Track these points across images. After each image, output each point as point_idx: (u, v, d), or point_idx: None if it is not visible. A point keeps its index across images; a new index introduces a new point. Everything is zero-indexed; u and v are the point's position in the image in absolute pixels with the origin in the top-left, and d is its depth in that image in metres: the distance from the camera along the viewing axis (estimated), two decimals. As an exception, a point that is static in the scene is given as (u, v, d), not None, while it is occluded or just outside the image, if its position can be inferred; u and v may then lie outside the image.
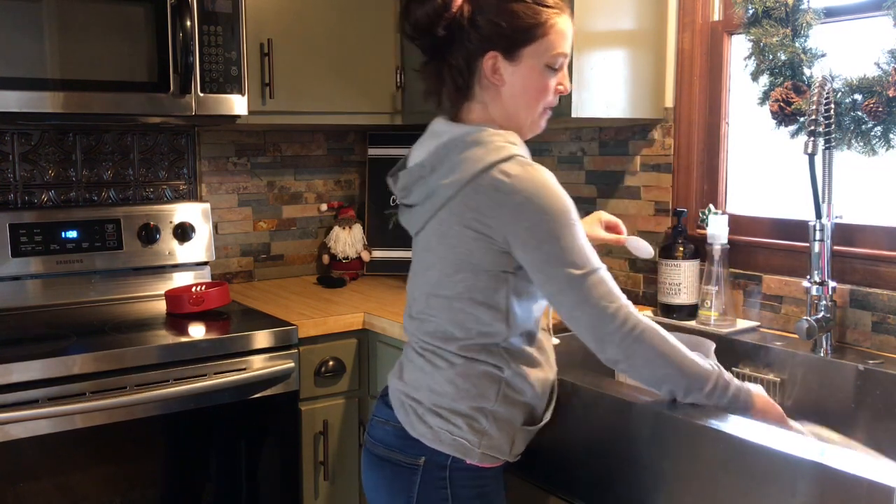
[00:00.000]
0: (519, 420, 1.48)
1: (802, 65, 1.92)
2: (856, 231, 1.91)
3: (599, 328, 1.38)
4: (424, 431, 1.46)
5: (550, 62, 1.45)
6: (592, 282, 1.37)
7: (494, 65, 1.44)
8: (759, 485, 1.26)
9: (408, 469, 1.47)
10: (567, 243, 1.37)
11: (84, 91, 2.09)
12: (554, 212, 1.37)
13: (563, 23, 1.46)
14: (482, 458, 1.46)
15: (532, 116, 1.49)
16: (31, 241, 2.34)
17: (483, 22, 1.42)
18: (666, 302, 2.15)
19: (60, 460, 1.88)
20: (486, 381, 1.45)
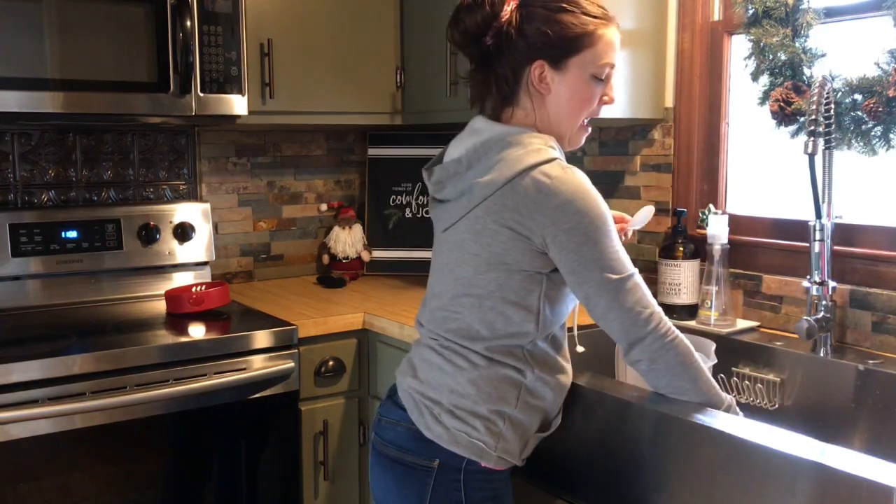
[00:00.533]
0: (535, 425, 1.49)
1: (802, 65, 1.92)
2: (856, 231, 1.91)
3: (632, 332, 1.41)
4: (441, 433, 1.45)
5: (597, 72, 1.47)
6: (628, 287, 1.39)
7: (541, 73, 1.46)
8: (759, 485, 1.26)
9: (421, 471, 1.46)
10: (604, 247, 1.39)
11: (84, 91, 2.09)
12: (593, 216, 1.39)
13: (610, 33, 1.48)
14: (497, 462, 1.46)
15: (574, 126, 1.51)
16: (31, 241, 2.34)
17: (531, 31, 1.44)
18: (666, 302, 2.15)
19: (60, 460, 1.88)
20: (508, 385, 1.46)
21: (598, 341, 2.04)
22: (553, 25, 1.44)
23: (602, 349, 2.01)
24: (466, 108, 2.39)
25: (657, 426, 1.43)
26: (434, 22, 2.51)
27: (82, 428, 1.87)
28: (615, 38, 1.49)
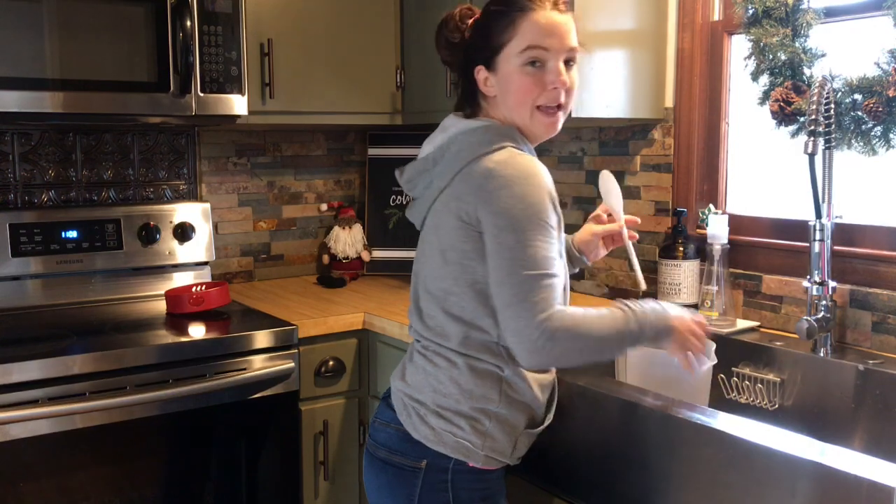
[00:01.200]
0: (522, 422, 1.48)
1: (802, 65, 1.92)
2: (856, 231, 1.91)
3: (520, 332, 1.37)
4: (427, 433, 1.46)
5: (523, 60, 1.44)
6: (534, 286, 1.35)
7: (484, 78, 1.48)
8: (759, 485, 1.26)
9: (410, 472, 1.47)
10: (525, 238, 1.36)
11: (84, 91, 2.09)
12: (525, 205, 1.37)
13: (537, 18, 1.43)
14: (485, 461, 1.46)
15: (524, 119, 1.48)
16: (31, 241, 2.34)
17: (467, 39, 1.50)
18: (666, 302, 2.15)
19: (60, 460, 1.88)
20: (489, 381, 1.45)
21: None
22: (477, 30, 1.48)
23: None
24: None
25: (657, 426, 1.43)
26: (434, 22, 2.50)
27: (82, 428, 1.87)
28: (545, 21, 1.44)
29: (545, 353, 1.36)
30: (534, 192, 1.38)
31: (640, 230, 2.40)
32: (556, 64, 1.45)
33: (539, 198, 1.38)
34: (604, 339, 1.39)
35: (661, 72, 2.29)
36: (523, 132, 1.50)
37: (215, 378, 2.00)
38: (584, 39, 2.08)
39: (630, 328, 1.40)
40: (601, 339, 1.39)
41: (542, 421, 1.53)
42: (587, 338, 1.38)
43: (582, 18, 2.07)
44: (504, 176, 1.38)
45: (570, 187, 2.62)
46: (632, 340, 1.42)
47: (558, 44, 1.44)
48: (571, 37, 1.47)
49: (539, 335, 1.34)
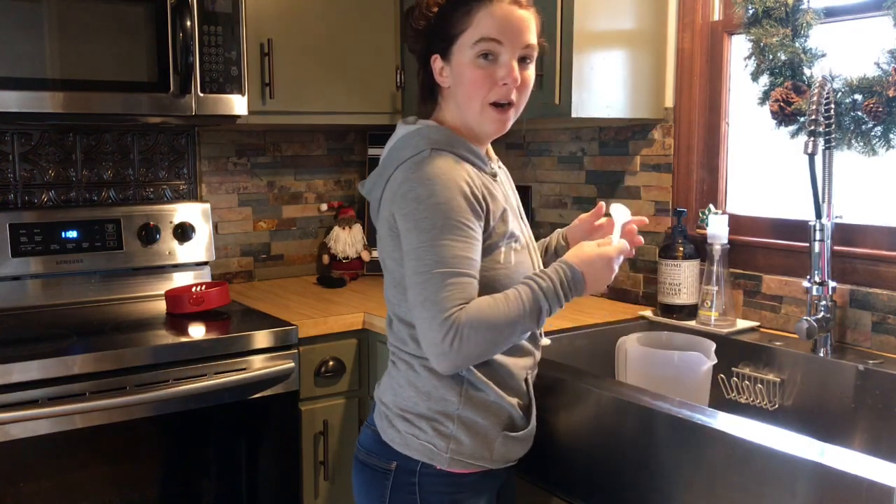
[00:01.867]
0: (495, 425, 1.45)
1: (802, 65, 1.92)
2: (856, 231, 1.91)
3: (426, 336, 1.35)
4: (394, 436, 1.46)
5: (476, 52, 1.41)
6: (436, 285, 1.33)
7: (440, 68, 1.46)
8: (759, 485, 1.26)
9: (382, 473, 1.47)
10: (430, 238, 1.34)
11: (84, 91, 2.09)
12: (430, 204, 1.35)
13: (493, 9, 1.40)
14: (451, 464, 1.43)
15: (474, 114, 1.45)
16: (31, 241, 2.34)
17: (424, 27, 1.47)
18: (666, 302, 2.15)
19: (60, 460, 1.88)
20: (448, 383, 1.43)
21: (598, 341, 2.04)
22: (434, 18, 1.45)
23: (601, 349, 2.01)
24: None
25: (657, 426, 1.43)
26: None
27: (82, 428, 1.87)
28: (502, 14, 1.40)
29: (455, 353, 1.32)
30: (441, 192, 1.35)
31: (640, 230, 2.40)
32: (508, 59, 1.41)
33: (446, 197, 1.35)
34: (513, 323, 1.35)
35: (661, 72, 2.29)
36: (472, 130, 1.48)
37: (215, 378, 2.00)
38: (584, 39, 2.11)
39: (539, 302, 1.36)
40: (511, 322, 1.35)
41: (524, 424, 1.50)
42: (496, 326, 1.34)
43: (582, 18, 2.09)
44: (412, 179, 1.38)
45: (570, 187, 2.62)
46: (547, 311, 1.37)
47: (513, 38, 1.41)
48: (529, 34, 1.43)
49: (444, 335, 1.31)
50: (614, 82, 2.19)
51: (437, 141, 1.43)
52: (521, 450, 1.52)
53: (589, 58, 2.12)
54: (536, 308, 1.36)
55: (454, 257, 1.34)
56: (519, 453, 1.51)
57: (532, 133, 2.75)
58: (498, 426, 1.45)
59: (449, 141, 1.44)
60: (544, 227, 2.72)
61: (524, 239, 1.51)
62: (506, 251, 1.44)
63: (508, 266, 1.44)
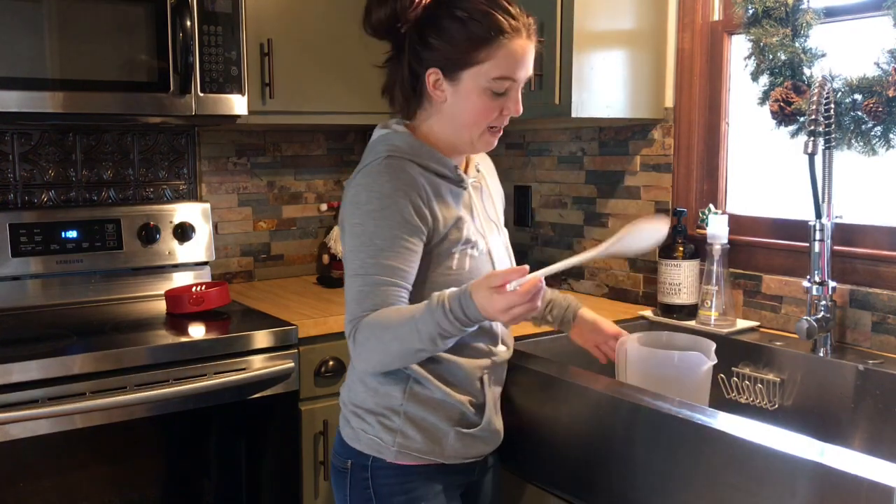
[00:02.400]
0: (444, 420, 1.46)
1: (802, 65, 1.92)
2: (856, 231, 1.91)
3: (346, 334, 1.41)
4: (349, 432, 1.50)
5: (492, 87, 1.41)
6: (359, 289, 1.38)
7: (436, 81, 1.43)
8: (759, 485, 1.25)
9: (342, 472, 1.51)
10: (359, 242, 1.38)
11: (84, 91, 2.09)
12: (367, 210, 1.38)
13: (514, 46, 1.40)
14: (399, 457, 1.46)
15: (472, 136, 1.46)
16: (31, 241, 2.34)
17: (430, 37, 1.42)
18: (666, 302, 2.15)
19: (60, 460, 1.87)
20: (393, 379, 1.46)
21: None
22: (450, 35, 1.40)
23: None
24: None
25: (657, 426, 1.43)
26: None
27: (82, 428, 1.87)
28: (521, 51, 1.41)
29: (356, 354, 1.40)
30: (378, 199, 1.37)
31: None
32: (516, 92, 1.44)
33: (382, 205, 1.37)
34: (401, 336, 1.34)
35: (661, 72, 2.29)
36: (461, 147, 1.48)
37: (215, 378, 2.00)
38: (584, 39, 2.11)
39: (428, 321, 1.32)
40: (398, 335, 1.34)
41: (477, 422, 1.49)
42: (383, 334, 1.36)
43: (582, 18, 2.09)
44: (360, 184, 1.40)
45: (570, 187, 2.62)
46: (438, 331, 1.32)
47: (524, 74, 1.43)
48: (532, 64, 1.45)
49: (348, 336, 1.40)
50: (614, 82, 2.19)
51: (397, 148, 1.43)
52: (483, 446, 1.52)
53: (589, 58, 2.12)
54: (426, 326, 1.32)
55: (377, 264, 1.37)
56: (481, 450, 1.53)
57: (532, 133, 2.75)
58: (447, 422, 1.47)
59: (412, 148, 1.44)
60: (544, 227, 2.72)
61: (486, 247, 1.50)
62: (459, 257, 1.45)
63: (462, 272, 1.44)
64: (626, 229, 1.43)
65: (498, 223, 1.59)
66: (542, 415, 1.68)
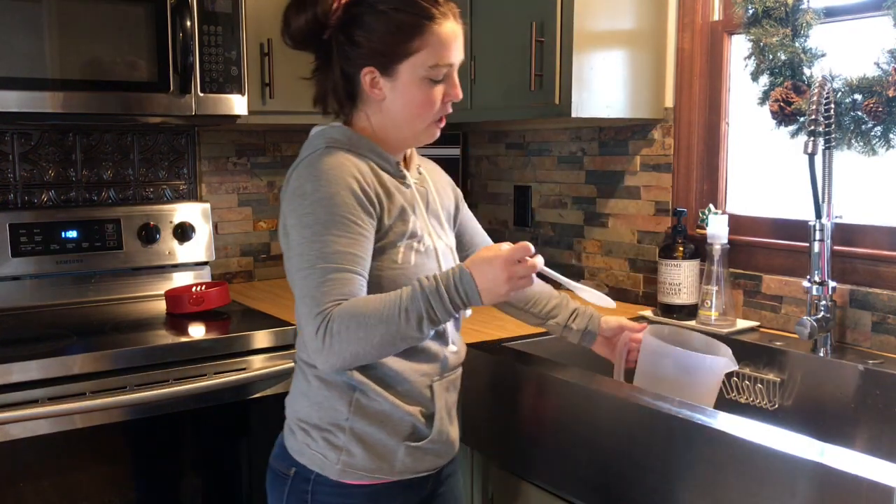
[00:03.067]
0: (393, 436, 1.40)
1: (802, 65, 1.92)
2: (856, 231, 1.91)
3: (304, 331, 1.31)
4: (293, 443, 1.45)
5: (430, 75, 1.38)
6: (315, 281, 1.29)
7: (373, 80, 1.40)
8: (759, 485, 1.26)
9: (281, 478, 1.46)
10: (313, 235, 1.31)
11: (84, 91, 2.09)
12: (316, 199, 1.32)
13: (444, 31, 1.37)
14: (343, 475, 1.40)
15: (418, 128, 1.43)
16: (31, 241, 2.34)
17: (359, 37, 1.38)
18: (666, 302, 2.15)
19: (60, 460, 1.87)
20: (337, 393, 1.40)
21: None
22: (378, 30, 1.37)
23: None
24: (466, 107, 2.40)
25: (657, 426, 1.43)
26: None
27: (82, 428, 1.87)
28: (451, 34, 1.38)
29: (328, 350, 1.27)
30: (326, 187, 1.32)
31: (640, 230, 2.41)
32: (454, 77, 1.41)
33: (330, 192, 1.32)
34: (386, 320, 1.26)
35: (661, 72, 2.29)
36: (403, 141, 1.45)
37: (215, 378, 2.00)
38: (584, 39, 2.11)
39: (417, 301, 1.26)
40: (383, 319, 1.26)
41: (428, 433, 1.43)
42: (366, 323, 1.26)
43: (582, 18, 2.09)
44: (302, 175, 1.36)
45: (570, 187, 2.62)
46: (427, 311, 1.27)
47: (459, 57, 1.41)
48: (462, 47, 1.42)
49: (317, 330, 1.27)
50: (614, 82, 2.19)
51: (335, 139, 1.41)
52: (436, 459, 1.47)
53: (589, 58, 2.12)
54: (415, 307, 1.27)
55: (336, 252, 1.30)
56: (434, 463, 1.47)
57: (532, 133, 2.75)
58: (397, 437, 1.41)
59: (350, 140, 1.42)
60: (544, 227, 2.72)
61: (432, 243, 1.45)
62: (404, 251, 1.40)
63: (406, 267, 1.39)
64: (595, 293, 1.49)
65: (443, 226, 1.53)
66: (541, 415, 1.68)
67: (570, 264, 2.63)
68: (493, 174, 2.93)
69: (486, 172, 2.96)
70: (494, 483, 1.86)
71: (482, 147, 2.97)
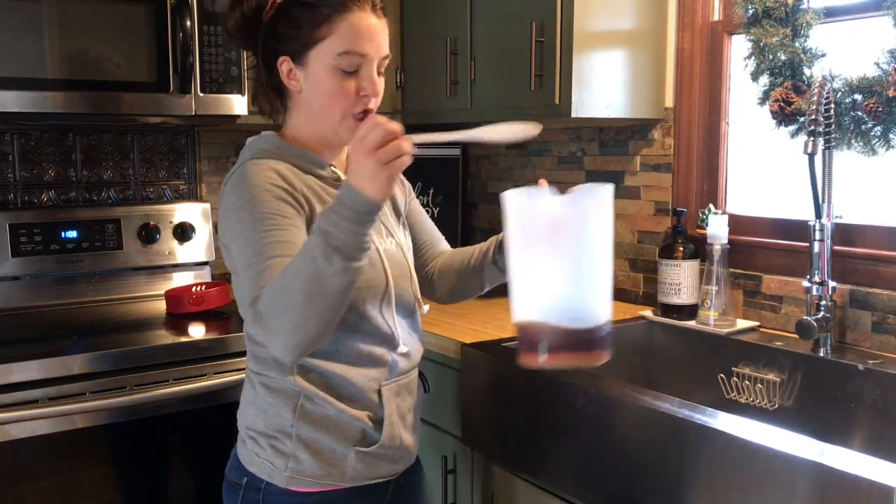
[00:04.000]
0: (341, 441, 1.39)
1: (802, 65, 1.92)
2: (856, 231, 1.91)
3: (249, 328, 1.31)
4: (244, 453, 1.45)
5: (339, 64, 1.35)
6: (248, 280, 1.27)
7: (289, 70, 1.39)
8: (759, 485, 1.26)
9: (234, 487, 1.46)
10: (246, 239, 1.29)
11: (84, 91, 2.09)
12: (240, 206, 1.32)
13: (354, 20, 1.35)
14: (291, 483, 1.39)
15: (332, 124, 1.39)
16: (31, 241, 2.34)
17: (276, 25, 1.38)
18: (666, 302, 2.15)
19: (60, 460, 1.88)
20: (282, 399, 1.39)
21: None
22: (296, 20, 1.36)
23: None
24: (466, 107, 2.40)
25: (657, 426, 1.43)
26: (434, 22, 2.51)
27: (82, 428, 1.87)
28: (363, 24, 1.35)
29: (268, 333, 1.22)
30: (247, 193, 1.32)
31: (640, 230, 2.40)
32: (370, 71, 1.38)
33: (251, 195, 1.31)
34: (298, 272, 1.18)
35: (661, 72, 2.29)
36: (327, 139, 1.43)
37: (215, 378, 2.00)
38: (584, 39, 2.11)
39: (316, 237, 1.18)
40: (298, 272, 1.19)
41: (378, 438, 1.41)
42: (284, 286, 1.20)
43: (582, 18, 2.09)
44: (226, 193, 1.36)
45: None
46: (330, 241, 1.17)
47: (375, 50, 1.37)
48: (385, 43, 1.40)
49: (253, 320, 1.24)
50: (614, 82, 2.19)
51: (262, 150, 1.40)
52: (391, 465, 1.45)
53: (589, 58, 2.12)
54: (318, 244, 1.17)
55: (266, 245, 1.28)
56: (390, 469, 1.45)
57: (532, 133, 2.75)
58: (345, 442, 1.39)
59: (278, 148, 1.41)
60: (544, 227, 2.72)
61: (373, 246, 1.34)
62: None
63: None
64: (506, 127, 1.29)
65: (391, 227, 1.49)
66: (541, 415, 1.68)
67: (570, 264, 2.62)
68: (493, 174, 2.93)
69: (486, 172, 2.96)
70: (494, 483, 1.86)
71: (482, 147, 2.97)
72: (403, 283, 1.46)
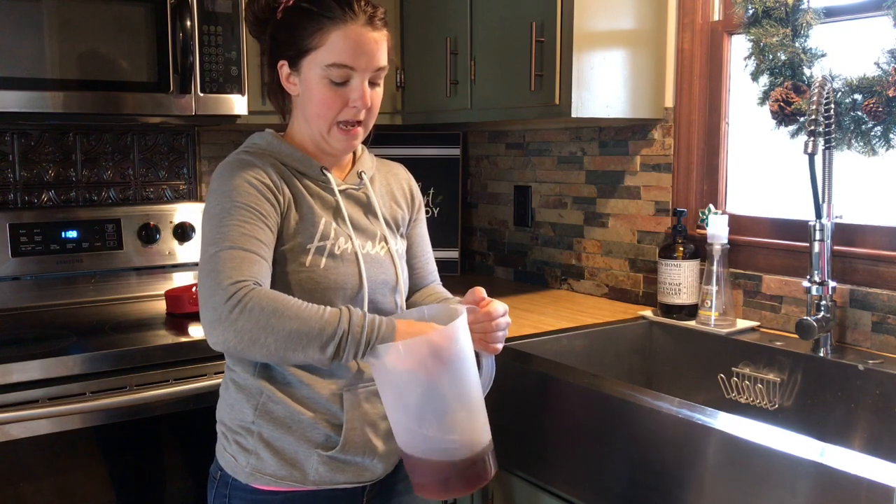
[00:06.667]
0: (302, 442, 1.38)
1: (802, 65, 1.92)
2: (856, 231, 1.91)
3: (206, 303, 1.24)
4: (218, 447, 1.48)
5: (328, 74, 1.37)
6: (221, 258, 1.26)
7: (288, 74, 1.43)
8: (759, 485, 1.26)
9: (211, 480, 1.49)
10: (219, 223, 1.31)
11: (84, 91, 2.09)
12: (220, 192, 1.35)
13: (346, 32, 1.36)
14: (251, 479, 1.39)
15: (322, 129, 1.41)
16: (31, 241, 2.34)
17: (277, 30, 1.41)
18: (666, 302, 2.15)
19: (60, 460, 1.88)
20: (245, 396, 1.40)
21: (597, 341, 2.05)
22: (286, 24, 1.40)
23: (601, 349, 2.01)
24: (466, 107, 2.40)
25: (657, 426, 1.43)
26: (434, 22, 2.51)
27: (82, 428, 1.87)
28: (355, 37, 1.36)
29: (232, 322, 1.21)
30: (228, 182, 1.35)
31: (640, 230, 2.41)
32: (360, 83, 1.38)
33: (233, 185, 1.34)
34: (304, 319, 1.22)
35: (661, 72, 2.29)
36: (318, 145, 1.45)
37: (215, 378, 2.00)
38: (584, 39, 2.11)
39: (340, 322, 1.22)
40: (299, 317, 1.22)
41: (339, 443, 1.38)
42: (283, 314, 1.21)
43: (583, 18, 2.09)
44: (213, 180, 1.39)
45: (570, 187, 2.62)
46: (344, 336, 1.22)
47: (365, 63, 1.38)
48: (381, 56, 1.40)
49: (229, 299, 1.21)
50: (614, 82, 2.19)
51: (256, 146, 1.44)
52: (360, 472, 1.41)
53: (589, 58, 2.12)
54: (334, 323, 1.22)
55: (241, 235, 1.29)
56: (359, 476, 1.41)
57: (532, 133, 2.75)
58: (308, 444, 1.38)
59: (270, 146, 1.44)
60: (544, 227, 2.72)
61: (351, 247, 1.41)
62: (314, 254, 1.37)
63: (315, 270, 1.37)
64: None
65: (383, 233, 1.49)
66: (540, 415, 1.69)
67: (570, 264, 2.63)
68: (492, 174, 2.93)
69: (486, 172, 2.96)
70: (494, 482, 1.86)
71: (482, 147, 2.97)
72: (383, 291, 1.46)
